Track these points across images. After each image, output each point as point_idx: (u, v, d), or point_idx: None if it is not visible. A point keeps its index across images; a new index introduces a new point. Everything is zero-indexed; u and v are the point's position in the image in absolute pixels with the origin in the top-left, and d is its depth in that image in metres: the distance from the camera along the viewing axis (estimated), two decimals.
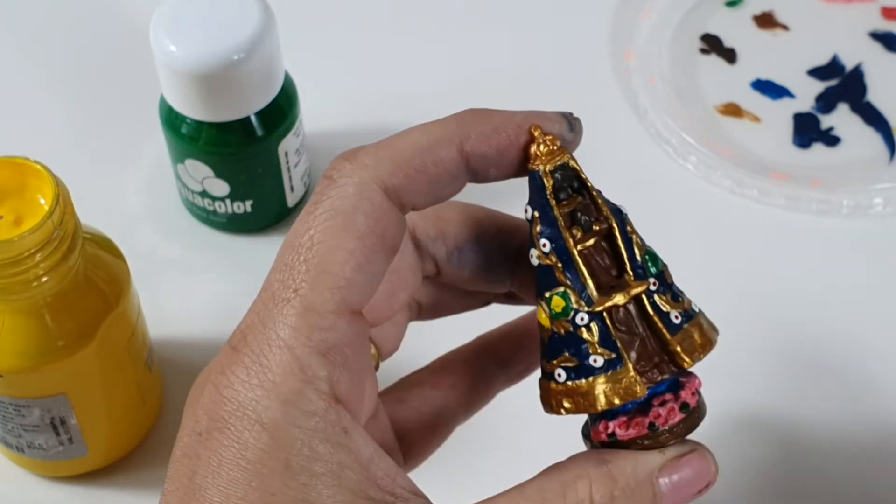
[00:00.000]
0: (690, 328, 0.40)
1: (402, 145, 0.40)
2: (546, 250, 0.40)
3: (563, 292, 0.40)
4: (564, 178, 0.40)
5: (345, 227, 0.38)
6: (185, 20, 0.59)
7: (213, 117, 0.61)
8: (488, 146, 0.40)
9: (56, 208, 0.50)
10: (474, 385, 0.46)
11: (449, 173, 0.40)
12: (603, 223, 0.40)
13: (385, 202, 0.39)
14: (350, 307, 0.38)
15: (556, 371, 0.40)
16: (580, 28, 0.74)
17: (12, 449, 0.57)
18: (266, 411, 0.37)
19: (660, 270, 0.41)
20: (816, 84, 0.72)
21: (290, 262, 0.38)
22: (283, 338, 0.37)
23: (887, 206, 0.67)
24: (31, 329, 0.52)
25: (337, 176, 0.39)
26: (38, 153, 0.53)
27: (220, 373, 0.38)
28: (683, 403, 0.40)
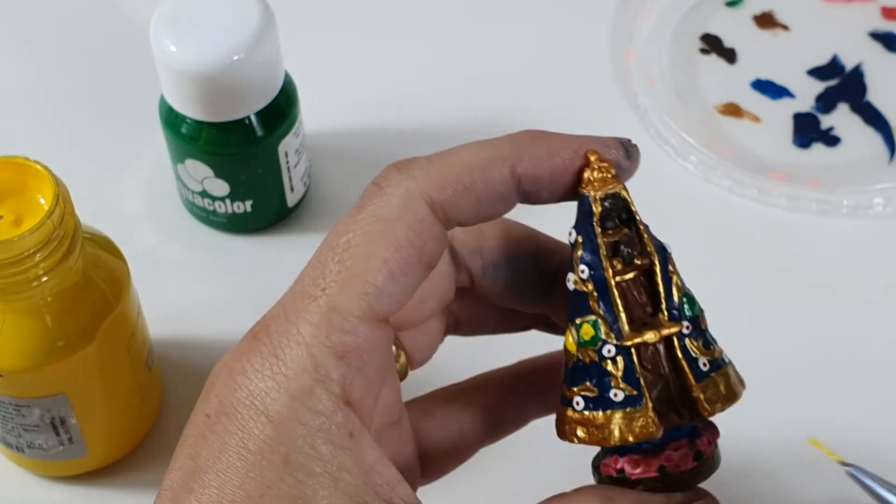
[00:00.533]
0: (717, 377, 0.40)
1: (454, 161, 0.40)
2: (584, 276, 0.39)
3: (594, 321, 0.39)
4: (613, 208, 0.40)
5: (384, 235, 0.38)
6: (185, 20, 0.59)
7: (213, 117, 0.61)
8: (542, 169, 0.40)
9: (56, 208, 0.50)
10: (507, 410, 0.46)
11: (498, 193, 0.40)
12: (645, 258, 0.40)
13: (429, 216, 0.39)
14: (376, 314, 0.38)
15: (574, 398, 0.40)
16: (580, 28, 0.74)
17: (12, 449, 0.57)
18: (273, 404, 0.37)
19: (695, 315, 0.41)
20: (816, 84, 0.72)
21: (323, 261, 0.38)
22: (303, 334, 0.37)
23: (887, 206, 0.67)
24: (31, 329, 0.52)
25: (385, 184, 0.39)
26: (38, 153, 0.53)
27: (237, 359, 0.38)
28: (698, 452, 0.40)
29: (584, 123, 0.70)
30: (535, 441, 0.47)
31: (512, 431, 0.47)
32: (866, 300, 0.64)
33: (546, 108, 0.71)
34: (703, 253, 0.66)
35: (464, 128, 0.71)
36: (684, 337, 0.40)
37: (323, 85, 0.71)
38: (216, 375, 0.39)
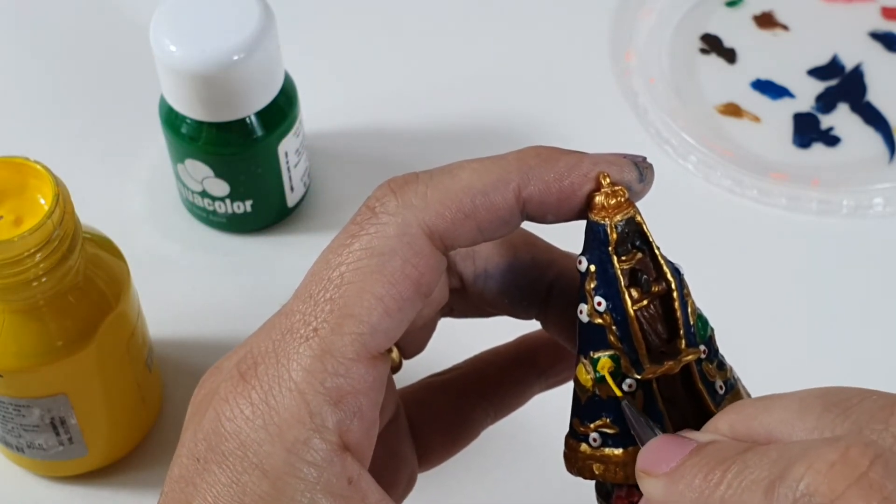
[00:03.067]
0: (732, 397, 0.39)
1: (455, 186, 0.37)
2: (601, 309, 0.38)
3: (613, 355, 0.38)
4: (628, 233, 0.38)
5: (379, 270, 0.36)
6: (185, 20, 0.59)
7: (213, 117, 0.61)
8: (549, 193, 0.38)
9: (56, 208, 0.50)
10: (507, 389, 0.45)
11: (501, 220, 0.38)
12: (662, 284, 0.38)
13: (427, 246, 0.37)
14: (370, 352, 0.37)
15: (591, 435, 0.38)
16: (580, 28, 0.74)
17: (12, 449, 0.57)
18: (268, 458, 0.36)
19: (708, 336, 0.39)
20: (816, 84, 0.72)
21: (314, 295, 0.37)
22: (296, 380, 0.36)
23: (887, 206, 0.67)
24: (30, 329, 0.52)
25: (380, 210, 0.37)
26: (38, 153, 0.53)
27: (225, 400, 0.37)
28: None
29: (584, 123, 0.71)
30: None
31: (514, 409, 0.45)
32: (866, 300, 0.64)
33: (546, 109, 0.71)
34: (704, 253, 0.66)
35: (464, 128, 0.71)
36: (701, 362, 0.38)
37: (323, 85, 0.71)
38: (201, 411, 0.37)
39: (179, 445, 0.38)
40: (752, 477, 0.31)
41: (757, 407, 0.33)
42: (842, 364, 0.62)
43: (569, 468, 0.40)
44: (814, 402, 0.32)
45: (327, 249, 0.38)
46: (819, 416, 0.32)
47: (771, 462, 0.31)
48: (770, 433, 0.32)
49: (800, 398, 0.32)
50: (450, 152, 0.70)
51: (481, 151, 0.70)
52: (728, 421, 0.34)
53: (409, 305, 0.37)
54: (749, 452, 0.32)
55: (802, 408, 0.32)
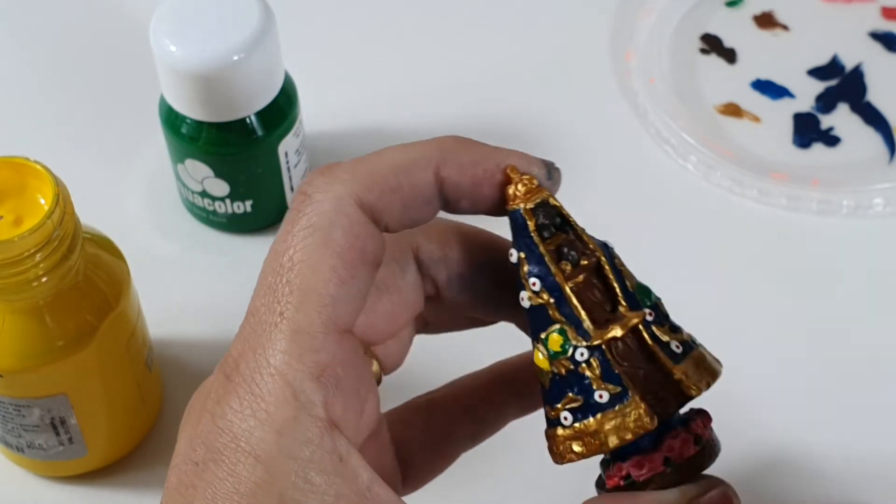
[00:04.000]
0: (692, 358, 0.39)
1: (379, 163, 0.39)
2: (536, 289, 0.39)
3: (559, 329, 0.39)
4: (546, 216, 0.40)
5: (324, 244, 0.38)
6: (185, 20, 0.59)
7: (213, 117, 0.61)
8: (463, 176, 0.40)
9: (56, 208, 0.50)
10: (486, 414, 0.45)
11: (423, 196, 0.39)
12: (591, 257, 0.40)
13: (361, 216, 0.38)
14: (338, 326, 0.38)
15: (561, 415, 0.39)
16: (580, 28, 0.74)
17: (12, 449, 0.57)
18: (260, 443, 0.36)
19: (654, 303, 0.40)
20: (816, 84, 0.72)
21: (272, 285, 0.38)
22: (275, 364, 0.37)
23: (887, 206, 0.67)
24: (30, 329, 0.52)
25: (311, 191, 0.39)
26: (38, 153, 0.53)
27: (216, 403, 0.37)
28: (696, 436, 0.39)
29: (584, 123, 0.71)
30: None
31: (491, 434, 0.46)
32: (866, 300, 0.64)
33: (546, 108, 0.71)
34: (703, 253, 0.66)
35: (464, 128, 0.70)
36: (650, 324, 0.39)
37: (323, 85, 0.71)
38: (195, 419, 0.38)
39: (175, 455, 0.38)
40: None
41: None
42: (842, 364, 0.62)
43: (554, 459, 0.40)
44: None
45: (274, 241, 0.39)
46: None
47: None
48: None
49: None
50: None
51: None
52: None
53: (361, 273, 0.38)
54: None
55: None
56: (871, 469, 0.59)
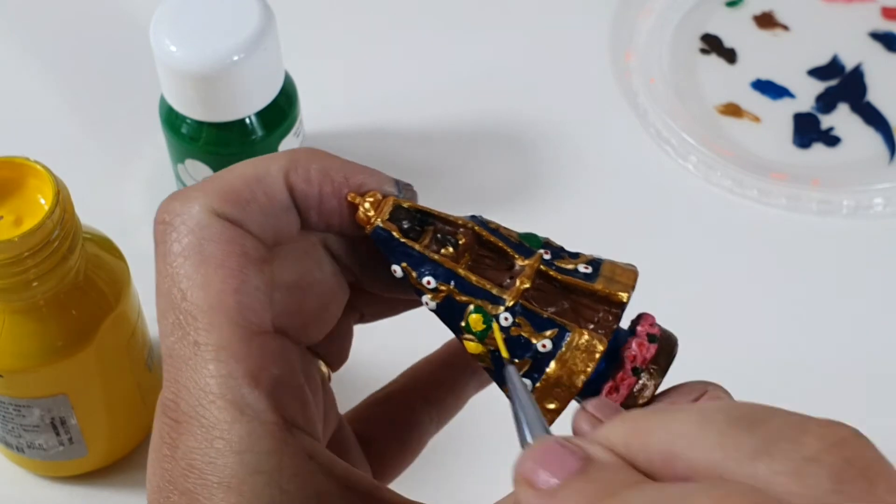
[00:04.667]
0: (605, 271, 0.39)
1: (230, 177, 0.39)
2: (433, 286, 0.39)
3: (474, 308, 0.38)
4: (407, 218, 0.39)
5: (203, 262, 0.37)
6: (185, 20, 0.59)
7: (213, 117, 0.61)
8: (310, 186, 0.39)
9: (56, 208, 0.50)
10: (445, 396, 0.45)
11: (280, 205, 0.39)
12: (466, 232, 0.39)
13: (225, 223, 0.38)
14: (253, 330, 0.37)
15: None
16: (580, 28, 0.74)
17: (12, 449, 0.57)
18: (226, 470, 0.36)
19: (543, 242, 0.40)
20: (816, 84, 0.72)
21: (175, 322, 0.37)
22: (211, 390, 0.36)
23: (887, 206, 0.67)
24: (31, 329, 0.52)
25: (169, 218, 0.38)
26: (38, 153, 0.53)
27: (173, 447, 0.37)
28: (649, 335, 0.39)
29: (584, 123, 0.71)
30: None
31: (455, 414, 0.46)
32: (866, 300, 0.64)
33: (546, 108, 0.71)
34: (704, 253, 0.66)
35: (464, 128, 0.71)
36: (551, 262, 0.39)
37: (323, 85, 0.71)
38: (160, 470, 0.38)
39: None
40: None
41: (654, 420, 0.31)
42: (842, 364, 0.62)
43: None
44: (715, 415, 0.30)
45: (156, 281, 0.39)
46: (722, 432, 0.30)
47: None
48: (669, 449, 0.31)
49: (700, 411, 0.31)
50: (450, 152, 0.70)
51: (481, 151, 0.70)
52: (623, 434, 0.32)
53: (251, 272, 0.38)
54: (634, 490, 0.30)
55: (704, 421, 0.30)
56: None
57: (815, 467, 0.28)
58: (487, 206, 0.67)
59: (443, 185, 0.68)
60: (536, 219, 0.67)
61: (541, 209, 0.67)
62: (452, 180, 0.68)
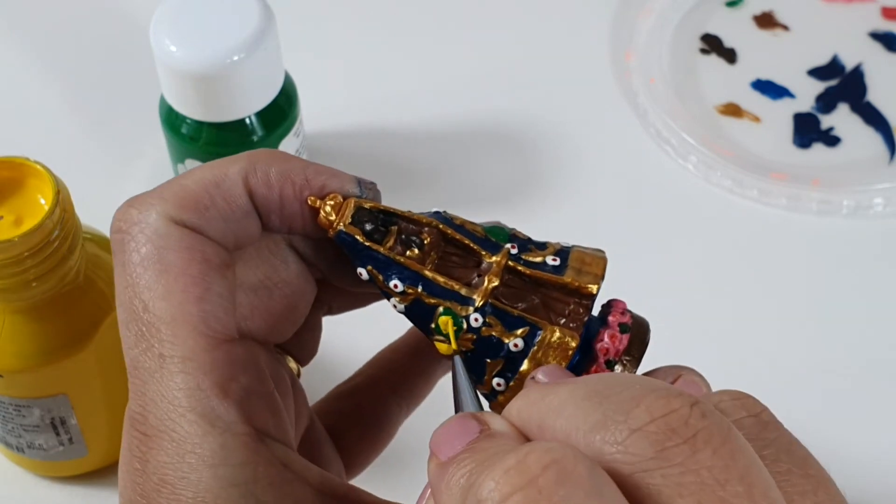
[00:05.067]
0: (573, 262, 0.39)
1: (187, 182, 0.38)
2: (400, 289, 0.38)
3: (443, 310, 0.38)
4: (370, 220, 0.39)
5: (163, 271, 0.37)
6: (185, 20, 0.59)
7: (213, 117, 0.61)
8: (270, 189, 0.38)
9: (56, 208, 0.50)
10: (414, 381, 0.45)
11: (240, 209, 0.38)
12: (430, 231, 0.39)
13: (183, 230, 0.37)
14: (219, 338, 0.37)
15: (493, 384, 0.39)
16: (580, 28, 0.74)
17: (12, 449, 0.57)
18: (199, 484, 0.35)
19: (510, 234, 0.40)
20: (816, 84, 0.72)
21: (138, 333, 0.37)
22: (180, 403, 0.36)
23: (887, 206, 0.67)
24: (31, 329, 0.52)
25: (127, 227, 0.38)
26: (38, 153, 0.53)
27: (144, 461, 0.36)
28: (620, 325, 0.38)
29: (584, 123, 0.71)
30: None
31: (424, 397, 0.45)
32: (866, 300, 0.64)
33: (546, 108, 0.71)
34: (704, 253, 0.66)
35: (464, 128, 0.71)
36: (518, 256, 0.39)
37: (323, 85, 0.71)
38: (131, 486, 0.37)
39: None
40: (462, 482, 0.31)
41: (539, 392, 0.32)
42: (842, 363, 0.62)
43: None
44: (580, 389, 0.31)
45: (116, 292, 0.38)
46: (578, 405, 0.31)
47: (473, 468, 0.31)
48: (542, 421, 0.31)
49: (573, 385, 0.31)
50: (450, 152, 0.70)
51: (481, 151, 0.70)
52: (517, 406, 0.33)
53: (213, 279, 0.37)
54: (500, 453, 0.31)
55: (569, 394, 0.31)
56: (872, 469, 0.59)
57: (638, 437, 0.29)
58: (487, 206, 0.67)
59: (443, 185, 0.68)
60: (536, 219, 0.67)
61: (541, 209, 0.67)
62: (452, 180, 0.68)
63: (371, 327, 0.47)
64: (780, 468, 0.30)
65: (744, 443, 0.29)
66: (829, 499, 0.30)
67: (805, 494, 0.30)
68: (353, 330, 0.48)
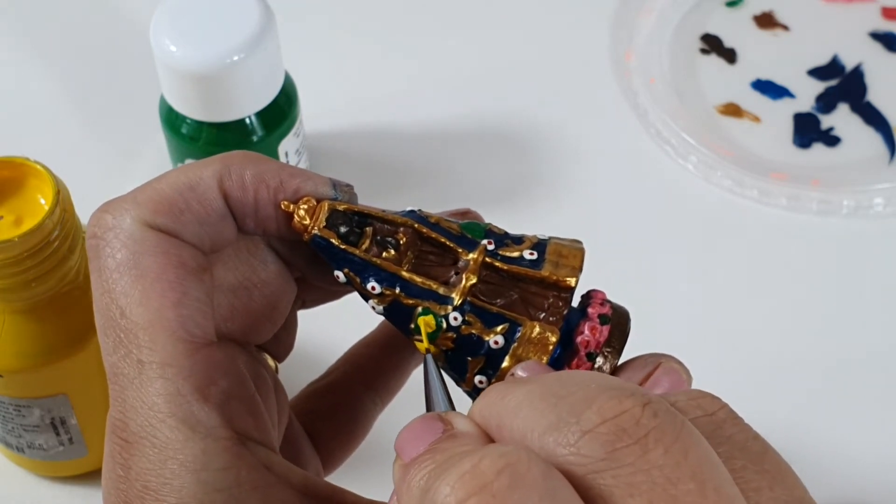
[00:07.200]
0: (551, 255, 0.39)
1: (161, 186, 0.38)
2: (378, 291, 0.38)
3: (422, 310, 0.38)
4: (344, 223, 0.39)
5: (140, 276, 0.36)
6: (185, 20, 0.59)
7: (213, 117, 0.61)
8: (245, 192, 0.38)
9: (56, 208, 0.50)
10: (388, 373, 0.45)
11: (216, 212, 0.38)
12: (406, 231, 0.39)
13: (159, 235, 0.37)
14: (198, 343, 0.37)
15: (475, 382, 0.39)
16: (580, 28, 0.74)
17: (12, 449, 0.57)
18: (183, 490, 0.35)
19: (486, 230, 0.40)
20: (816, 84, 0.72)
21: (116, 340, 0.37)
22: (161, 409, 0.36)
23: (887, 206, 0.67)
24: (31, 329, 0.52)
25: (102, 232, 0.37)
26: (38, 153, 0.53)
27: (126, 468, 0.36)
28: (600, 317, 0.38)
29: (584, 123, 0.71)
30: None
31: (398, 390, 0.45)
32: (866, 300, 0.64)
33: (546, 108, 0.71)
34: (704, 253, 0.66)
35: (463, 128, 0.71)
36: (494, 252, 0.39)
37: (323, 85, 0.71)
38: (114, 492, 0.37)
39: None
40: (421, 485, 0.31)
41: (499, 392, 0.32)
42: (842, 363, 0.62)
43: None
44: (537, 389, 0.31)
45: (94, 298, 0.38)
46: (534, 405, 0.31)
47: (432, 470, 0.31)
48: (501, 421, 0.31)
49: (530, 385, 0.31)
50: (450, 152, 0.70)
51: (481, 151, 0.70)
52: (479, 405, 0.33)
53: (191, 284, 0.37)
54: (458, 455, 0.31)
55: (527, 394, 0.31)
56: (871, 469, 0.59)
57: (589, 438, 0.29)
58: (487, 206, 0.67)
59: (442, 185, 0.68)
60: (536, 219, 0.67)
61: (540, 209, 0.67)
62: (452, 180, 0.68)
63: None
64: (734, 465, 0.30)
65: (697, 440, 0.29)
66: (787, 492, 0.30)
67: (760, 490, 0.30)
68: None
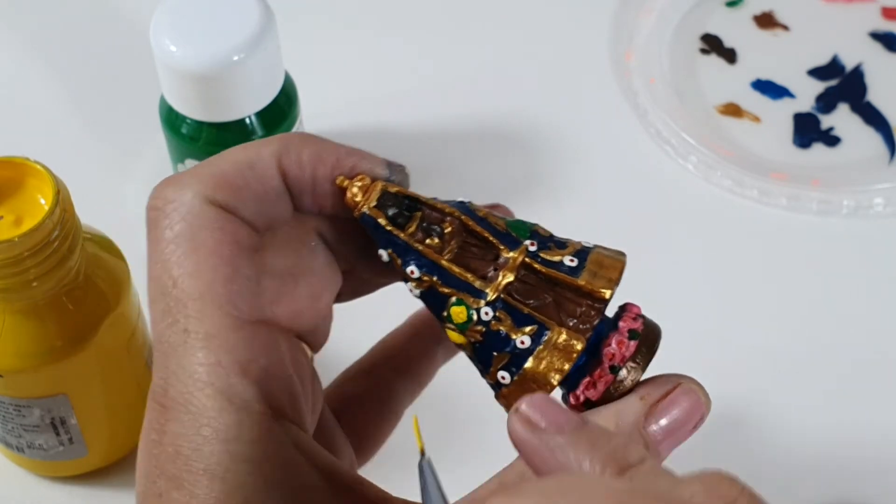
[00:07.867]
0: (591, 264, 0.39)
1: (223, 162, 0.39)
2: (416, 276, 0.39)
3: (456, 300, 0.39)
4: (394, 205, 0.40)
5: (195, 249, 0.37)
6: (185, 20, 0.59)
7: (213, 117, 0.61)
8: (303, 170, 0.39)
9: (56, 208, 0.50)
10: (419, 366, 0.45)
11: (273, 190, 0.39)
12: (452, 221, 0.40)
13: (217, 210, 0.38)
14: (243, 319, 0.37)
15: (498, 376, 0.39)
16: (580, 28, 0.74)
17: (12, 449, 0.57)
18: (212, 457, 0.36)
19: (531, 230, 0.40)
20: (816, 84, 0.72)
21: (165, 308, 0.38)
22: (200, 378, 0.37)
23: (887, 206, 0.67)
24: (30, 329, 0.52)
25: (162, 204, 0.38)
26: (38, 153, 0.53)
27: (161, 433, 0.37)
28: (630, 331, 0.39)
29: (584, 123, 0.71)
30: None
31: (427, 382, 0.46)
32: (866, 300, 0.64)
33: (546, 108, 0.71)
34: (704, 253, 0.66)
35: (464, 128, 0.71)
36: (536, 253, 0.39)
37: (323, 85, 0.71)
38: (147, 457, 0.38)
39: (137, 496, 0.38)
40: None
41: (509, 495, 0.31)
42: (842, 363, 0.62)
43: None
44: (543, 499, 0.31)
45: (148, 267, 0.38)
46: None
47: None
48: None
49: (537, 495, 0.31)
50: (450, 152, 0.70)
51: (481, 151, 0.70)
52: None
53: (243, 261, 0.38)
54: None
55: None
56: (871, 469, 0.59)
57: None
58: None
59: (443, 185, 0.68)
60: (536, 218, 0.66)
61: (540, 209, 0.67)
62: (452, 180, 0.68)
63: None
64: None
65: None
66: None
67: None
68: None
